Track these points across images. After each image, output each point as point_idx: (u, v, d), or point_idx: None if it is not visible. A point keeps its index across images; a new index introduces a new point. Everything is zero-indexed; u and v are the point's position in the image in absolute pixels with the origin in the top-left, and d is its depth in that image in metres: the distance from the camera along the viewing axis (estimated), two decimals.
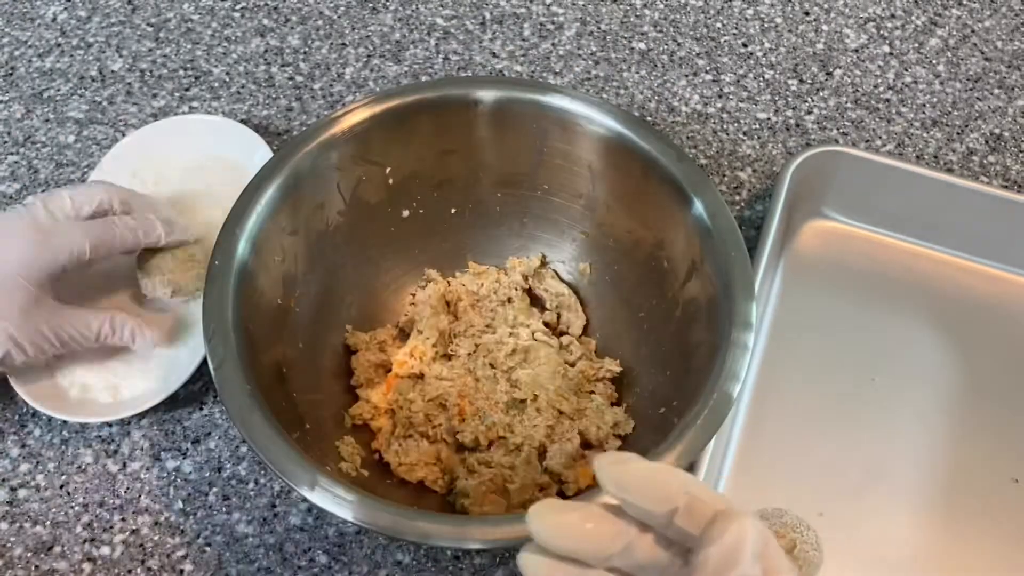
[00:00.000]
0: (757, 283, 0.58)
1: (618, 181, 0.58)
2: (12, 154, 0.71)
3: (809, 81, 0.78)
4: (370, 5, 0.81)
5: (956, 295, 0.66)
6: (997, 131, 0.75)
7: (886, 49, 0.80)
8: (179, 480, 0.57)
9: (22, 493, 0.57)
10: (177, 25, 0.80)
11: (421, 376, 0.58)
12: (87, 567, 0.54)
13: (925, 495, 0.58)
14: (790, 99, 0.76)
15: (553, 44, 0.79)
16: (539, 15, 0.81)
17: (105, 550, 0.55)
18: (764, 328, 0.64)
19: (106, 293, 0.60)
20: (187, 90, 0.75)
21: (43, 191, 0.56)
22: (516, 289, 0.61)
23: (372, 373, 0.58)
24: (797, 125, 0.75)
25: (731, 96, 0.76)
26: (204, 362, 0.56)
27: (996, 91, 0.78)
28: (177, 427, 0.59)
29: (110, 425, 0.59)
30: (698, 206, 0.53)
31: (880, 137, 0.74)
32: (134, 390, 0.58)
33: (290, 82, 0.76)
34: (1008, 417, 0.61)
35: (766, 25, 0.82)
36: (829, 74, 0.78)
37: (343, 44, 0.79)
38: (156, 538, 0.55)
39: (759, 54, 0.79)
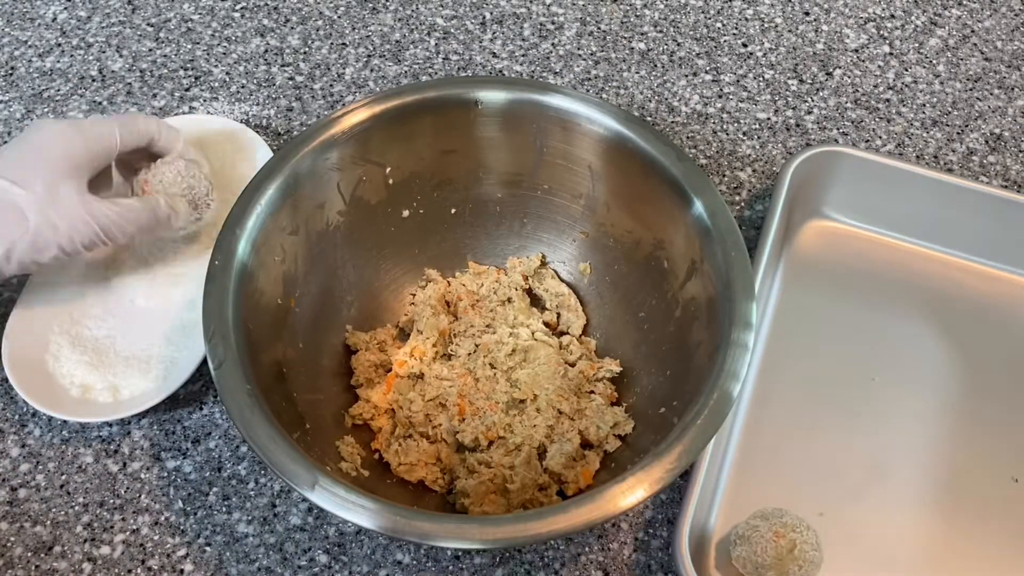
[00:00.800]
0: (757, 283, 0.58)
1: (618, 181, 0.58)
2: None
3: (809, 81, 0.78)
4: (370, 5, 0.82)
5: (956, 295, 0.66)
6: (997, 131, 0.75)
7: (886, 49, 0.80)
8: (179, 480, 0.57)
9: (22, 493, 0.57)
10: (177, 25, 0.80)
11: (421, 376, 0.58)
12: (87, 567, 0.54)
13: (925, 495, 0.58)
14: (790, 99, 0.76)
15: (553, 44, 0.79)
16: (539, 15, 0.81)
17: (105, 550, 0.55)
18: (764, 328, 0.64)
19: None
20: (187, 90, 0.75)
21: None
22: (516, 289, 0.61)
23: (372, 373, 0.58)
24: (797, 125, 0.75)
25: (731, 96, 0.76)
26: (204, 362, 0.57)
27: (996, 91, 0.78)
28: (177, 427, 0.59)
29: (110, 425, 0.59)
30: (698, 206, 0.53)
31: (880, 137, 0.74)
32: (134, 390, 0.58)
33: (290, 82, 0.76)
34: (1008, 417, 0.61)
35: (766, 25, 0.82)
36: (829, 74, 0.78)
37: (343, 44, 0.79)
38: (156, 538, 0.55)
39: (759, 54, 0.79)
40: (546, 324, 0.61)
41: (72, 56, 0.77)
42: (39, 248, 0.53)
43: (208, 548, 0.55)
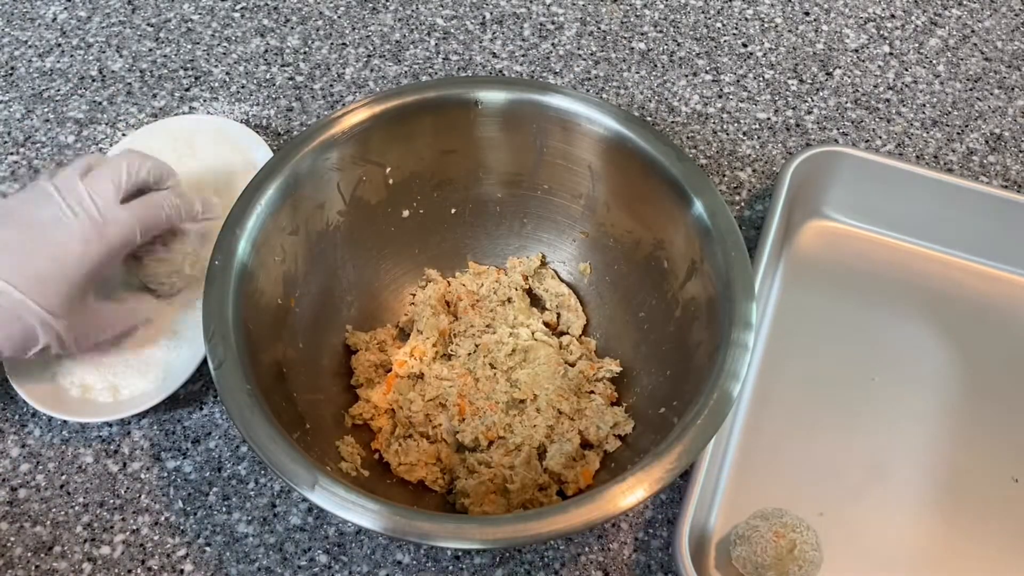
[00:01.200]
0: (757, 283, 0.58)
1: (618, 181, 0.58)
2: (12, 154, 0.71)
3: (809, 81, 0.78)
4: (370, 5, 0.82)
5: (956, 295, 0.66)
6: (997, 131, 0.75)
7: (886, 49, 0.80)
8: (179, 480, 0.57)
9: (22, 493, 0.57)
10: (177, 25, 0.80)
11: (421, 376, 0.58)
12: (87, 567, 0.54)
13: (925, 495, 0.58)
14: (790, 99, 0.76)
15: (553, 44, 0.79)
16: (539, 15, 0.81)
17: (105, 550, 0.55)
18: (764, 328, 0.64)
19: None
20: (187, 90, 0.75)
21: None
22: (516, 289, 0.61)
23: (372, 373, 0.58)
24: (797, 125, 0.75)
25: (731, 96, 0.76)
26: (204, 362, 0.57)
27: (996, 91, 0.78)
28: (177, 427, 0.59)
29: (110, 425, 0.59)
30: (698, 206, 0.53)
31: (880, 137, 0.74)
32: (134, 390, 0.58)
33: (290, 82, 0.76)
34: (1008, 417, 0.61)
35: (766, 25, 0.82)
36: (829, 74, 0.78)
37: (343, 44, 0.79)
38: (156, 538, 0.55)
39: (759, 54, 0.79)
40: (546, 324, 0.61)
41: (72, 56, 0.77)
42: (40, 355, 0.53)
43: (208, 548, 0.55)
